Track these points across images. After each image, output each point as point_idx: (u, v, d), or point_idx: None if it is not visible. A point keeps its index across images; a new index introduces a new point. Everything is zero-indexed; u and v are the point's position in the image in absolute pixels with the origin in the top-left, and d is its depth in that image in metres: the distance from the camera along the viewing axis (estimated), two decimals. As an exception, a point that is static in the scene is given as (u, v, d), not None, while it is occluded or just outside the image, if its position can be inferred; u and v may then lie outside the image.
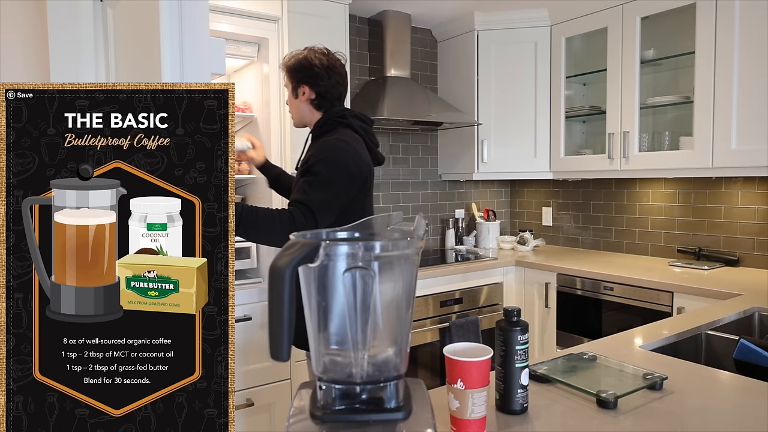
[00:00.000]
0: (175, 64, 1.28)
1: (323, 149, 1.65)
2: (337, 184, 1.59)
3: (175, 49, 1.30)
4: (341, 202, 1.62)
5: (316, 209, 1.54)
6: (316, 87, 1.74)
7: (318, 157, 1.61)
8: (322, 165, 1.59)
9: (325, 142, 1.67)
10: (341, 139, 1.67)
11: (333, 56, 1.77)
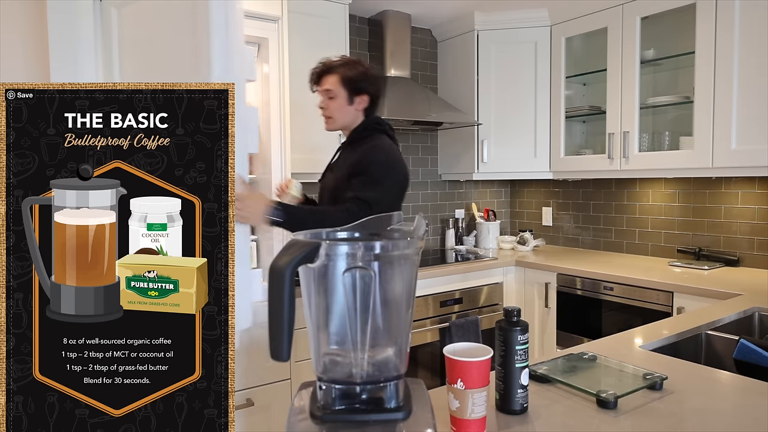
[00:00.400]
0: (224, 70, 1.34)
1: (374, 152, 1.81)
2: (386, 184, 1.77)
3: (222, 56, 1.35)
4: (387, 203, 1.74)
5: (372, 205, 1.70)
6: (373, 95, 1.91)
7: (370, 159, 1.79)
8: (375, 166, 1.77)
9: (374, 147, 1.83)
10: (389, 144, 1.86)
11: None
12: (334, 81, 1.87)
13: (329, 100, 1.88)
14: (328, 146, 2.72)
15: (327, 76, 1.88)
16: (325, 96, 1.88)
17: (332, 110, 1.88)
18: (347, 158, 1.87)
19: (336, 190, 1.84)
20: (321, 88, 1.89)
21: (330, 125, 1.92)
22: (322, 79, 1.89)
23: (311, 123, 2.66)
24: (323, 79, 1.89)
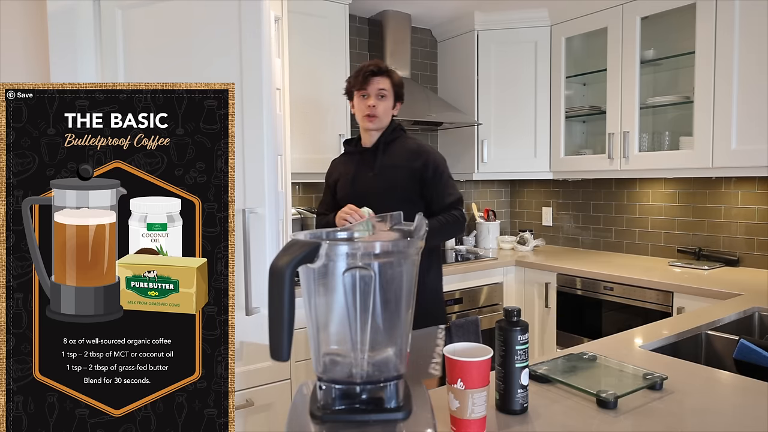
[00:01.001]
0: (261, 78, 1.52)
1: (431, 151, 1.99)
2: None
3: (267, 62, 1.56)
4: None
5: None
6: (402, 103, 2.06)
7: (438, 160, 1.97)
8: (444, 164, 1.98)
9: (423, 147, 1.99)
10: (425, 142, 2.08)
11: None
12: (387, 83, 1.95)
13: (380, 100, 1.94)
14: (328, 147, 2.73)
15: (380, 77, 1.94)
16: (376, 95, 1.93)
17: (381, 110, 1.94)
18: (391, 158, 1.95)
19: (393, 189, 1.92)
20: (372, 87, 1.93)
21: (375, 124, 1.95)
22: (373, 78, 1.93)
23: (311, 123, 2.67)
24: (376, 79, 1.93)
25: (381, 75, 1.94)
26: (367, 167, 1.98)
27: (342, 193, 2.03)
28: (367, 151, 2.01)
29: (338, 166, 2.12)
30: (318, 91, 2.69)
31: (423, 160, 1.92)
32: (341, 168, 2.09)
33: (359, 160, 2.02)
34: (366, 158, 2.00)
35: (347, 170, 2.05)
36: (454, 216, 1.91)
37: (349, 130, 2.81)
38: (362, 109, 1.95)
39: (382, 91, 1.94)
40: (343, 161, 2.11)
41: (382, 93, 1.94)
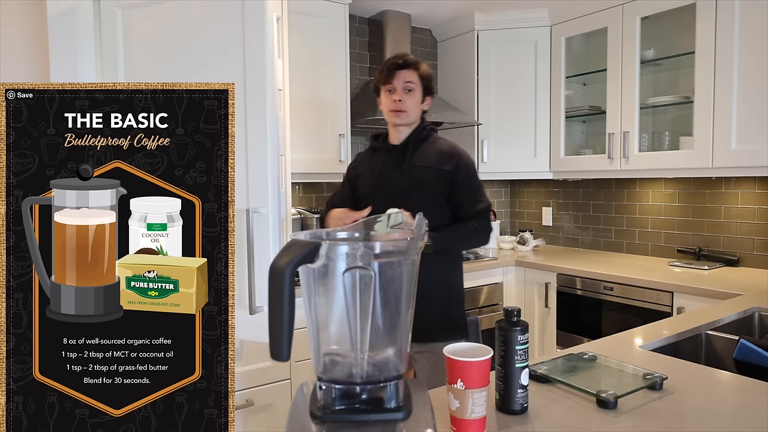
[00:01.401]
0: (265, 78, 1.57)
1: (462, 155, 1.86)
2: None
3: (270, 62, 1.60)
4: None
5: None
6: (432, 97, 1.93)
7: (470, 164, 1.87)
8: (474, 169, 1.88)
9: (455, 149, 1.87)
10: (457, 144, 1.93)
11: None
12: (414, 75, 1.84)
13: (407, 94, 1.83)
14: (328, 147, 2.73)
15: (407, 70, 1.83)
16: (402, 89, 1.82)
17: (409, 104, 1.83)
18: (421, 158, 1.84)
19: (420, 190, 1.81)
20: (398, 80, 1.82)
21: (402, 119, 1.84)
22: (399, 72, 1.82)
23: (311, 123, 2.67)
24: (402, 72, 1.82)
25: (407, 68, 1.83)
26: (394, 166, 1.87)
27: (365, 190, 1.92)
28: (396, 148, 1.89)
29: (363, 161, 2.00)
30: (318, 91, 2.69)
31: (455, 163, 1.82)
32: (366, 164, 1.97)
33: (386, 157, 1.90)
34: (394, 156, 1.88)
35: (372, 167, 1.92)
36: (482, 224, 1.83)
37: (349, 130, 2.81)
38: (388, 104, 1.85)
39: (408, 84, 1.82)
40: (369, 157, 1.98)
41: (408, 87, 1.82)
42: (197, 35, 1.98)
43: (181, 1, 1.86)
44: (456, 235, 1.79)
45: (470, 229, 1.80)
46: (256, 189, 1.94)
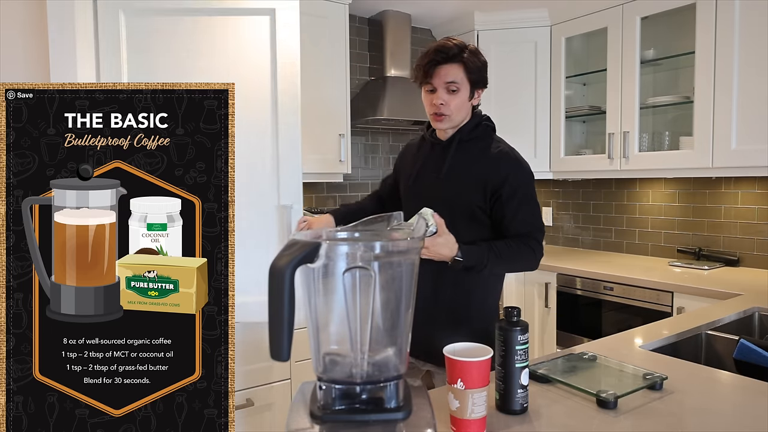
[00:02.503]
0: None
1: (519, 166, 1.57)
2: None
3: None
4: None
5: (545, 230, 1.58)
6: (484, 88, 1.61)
7: (522, 176, 1.57)
8: (530, 186, 1.59)
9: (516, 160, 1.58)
10: (514, 149, 1.62)
11: None
12: (458, 71, 1.51)
13: (451, 95, 1.51)
14: (328, 147, 2.73)
15: (449, 66, 1.50)
16: (444, 90, 1.51)
17: (454, 107, 1.51)
18: (464, 161, 1.56)
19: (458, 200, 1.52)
20: (439, 80, 1.51)
21: (445, 124, 1.54)
22: (440, 69, 1.51)
23: (311, 123, 2.66)
24: (444, 69, 1.51)
25: (450, 62, 1.50)
26: (433, 167, 1.58)
27: (403, 189, 1.67)
28: (439, 146, 1.60)
29: (408, 154, 1.73)
30: (318, 91, 2.69)
31: (504, 173, 1.52)
32: (410, 157, 1.70)
33: (428, 154, 1.62)
34: (436, 155, 1.60)
35: (413, 163, 1.65)
36: (529, 245, 1.49)
37: (349, 130, 2.81)
38: (429, 107, 1.56)
39: (452, 84, 1.50)
40: (416, 149, 1.70)
41: (452, 87, 1.50)
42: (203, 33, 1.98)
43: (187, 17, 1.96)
44: (494, 253, 1.45)
45: (512, 249, 1.48)
46: (287, 187, 2.02)
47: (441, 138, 1.60)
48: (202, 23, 1.96)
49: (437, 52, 1.52)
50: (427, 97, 1.56)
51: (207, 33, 1.96)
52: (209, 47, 1.97)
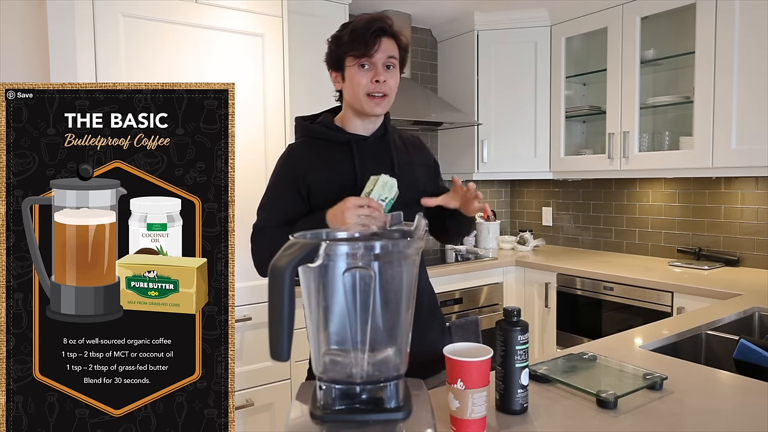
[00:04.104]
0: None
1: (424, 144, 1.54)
2: None
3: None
4: None
5: None
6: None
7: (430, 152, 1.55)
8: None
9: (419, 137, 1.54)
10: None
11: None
12: (395, 47, 1.34)
13: (389, 71, 1.33)
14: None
15: (388, 39, 1.32)
16: (382, 66, 1.31)
17: (392, 86, 1.34)
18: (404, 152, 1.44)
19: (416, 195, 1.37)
20: (380, 54, 1.30)
21: (384, 106, 1.35)
22: (382, 41, 1.30)
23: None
24: (383, 43, 1.31)
25: (389, 36, 1.32)
26: (374, 165, 1.36)
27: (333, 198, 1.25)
28: (367, 141, 1.39)
29: (313, 159, 1.38)
30: (318, 92, 2.69)
31: (430, 153, 1.53)
32: (321, 163, 1.37)
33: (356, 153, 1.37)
34: (367, 152, 1.38)
35: (339, 168, 1.36)
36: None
37: (349, 130, 2.81)
38: (364, 86, 1.31)
39: (391, 59, 1.32)
40: (320, 152, 1.39)
41: (390, 62, 1.33)
42: (200, 35, 2.00)
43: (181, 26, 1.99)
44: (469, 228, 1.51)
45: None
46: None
47: (360, 132, 1.39)
48: (196, 34, 2.01)
49: (375, 21, 1.30)
50: (360, 75, 1.31)
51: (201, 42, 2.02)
52: (204, 55, 2.03)
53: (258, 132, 2.17)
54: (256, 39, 2.15)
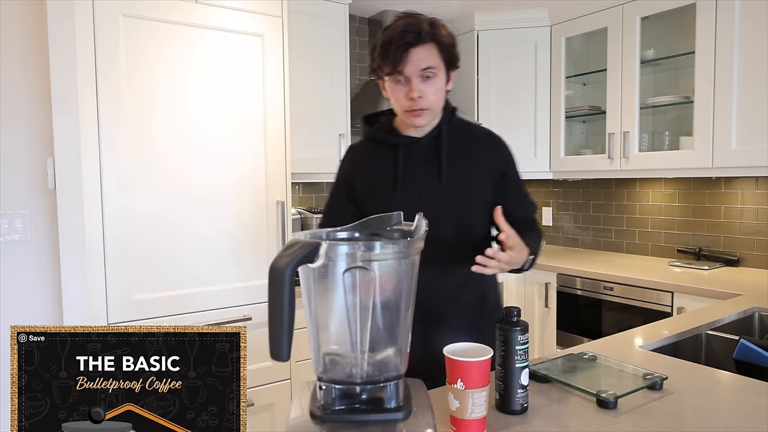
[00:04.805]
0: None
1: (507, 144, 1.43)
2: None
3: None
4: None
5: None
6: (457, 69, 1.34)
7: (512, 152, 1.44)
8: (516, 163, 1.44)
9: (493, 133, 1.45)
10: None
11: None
12: (432, 53, 1.23)
13: (427, 82, 1.24)
14: (328, 147, 2.72)
15: (421, 48, 1.22)
16: (419, 78, 1.23)
17: (432, 96, 1.25)
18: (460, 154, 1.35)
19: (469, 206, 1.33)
20: (412, 67, 1.22)
21: (425, 119, 1.28)
22: (412, 52, 1.21)
23: (311, 123, 2.66)
24: (414, 54, 1.21)
25: (422, 43, 1.21)
26: (423, 169, 1.31)
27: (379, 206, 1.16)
28: (419, 144, 1.32)
29: (363, 162, 1.38)
30: (318, 91, 2.69)
31: (505, 152, 1.38)
32: (369, 166, 1.36)
33: (406, 157, 1.31)
34: (418, 155, 1.32)
35: (383, 171, 1.33)
36: (539, 231, 1.40)
37: (349, 130, 2.81)
38: (402, 102, 1.26)
39: (428, 71, 1.23)
40: (372, 154, 1.37)
41: (428, 73, 1.23)
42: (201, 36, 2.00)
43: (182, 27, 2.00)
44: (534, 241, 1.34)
45: (536, 234, 1.38)
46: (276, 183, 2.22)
47: (414, 135, 1.34)
48: (197, 33, 2.01)
49: (405, 33, 1.21)
50: (396, 90, 1.26)
51: (201, 43, 2.02)
52: (204, 55, 2.03)
53: (258, 132, 2.17)
54: (256, 39, 2.14)
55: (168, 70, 1.96)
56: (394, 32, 1.22)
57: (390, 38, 1.22)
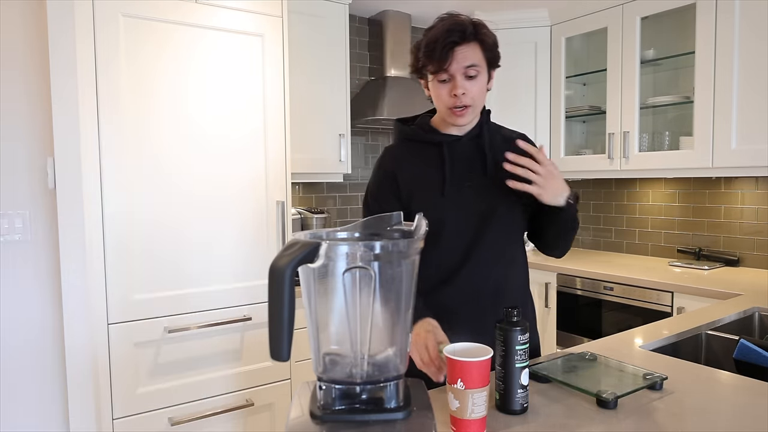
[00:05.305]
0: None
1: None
2: None
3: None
4: None
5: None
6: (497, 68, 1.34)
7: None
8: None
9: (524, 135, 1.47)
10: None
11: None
12: (476, 51, 1.25)
13: (470, 81, 1.26)
14: (328, 147, 2.72)
15: (466, 46, 1.24)
16: (462, 76, 1.25)
17: (476, 95, 1.28)
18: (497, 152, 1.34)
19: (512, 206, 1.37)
20: (458, 65, 1.24)
21: (468, 117, 1.30)
22: (457, 50, 1.23)
23: (311, 123, 2.67)
24: (459, 52, 1.23)
25: (467, 41, 1.24)
26: (468, 165, 1.33)
27: (427, 203, 1.28)
28: (460, 141, 1.34)
29: (403, 161, 1.37)
30: (318, 91, 2.69)
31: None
32: (409, 166, 1.35)
33: (450, 154, 1.33)
34: (461, 152, 1.34)
35: (428, 169, 1.33)
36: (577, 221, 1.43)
37: (349, 130, 2.81)
38: (445, 100, 1.27)
39: (472, 68, 1.25)
40: (411, 154, 1.37)
41: (472, 71, 1.25)
42: (201, 37, 2.00)
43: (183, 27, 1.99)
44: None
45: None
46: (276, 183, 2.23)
47: (454, 133, 1.36)
48: (197, 33, 2.01)
49: (450, 32, 1.22)
50: (439, 89, 1.28)
51: (201, 43, 2.02)
52: (204, 55, 2.03)
53: (258, 132, 2.17)
54: (256, 39, 2.15)
55: (168, 69, 1.96)
56: (440, 31, 1.24)
57: (436, 37, 1.24)
